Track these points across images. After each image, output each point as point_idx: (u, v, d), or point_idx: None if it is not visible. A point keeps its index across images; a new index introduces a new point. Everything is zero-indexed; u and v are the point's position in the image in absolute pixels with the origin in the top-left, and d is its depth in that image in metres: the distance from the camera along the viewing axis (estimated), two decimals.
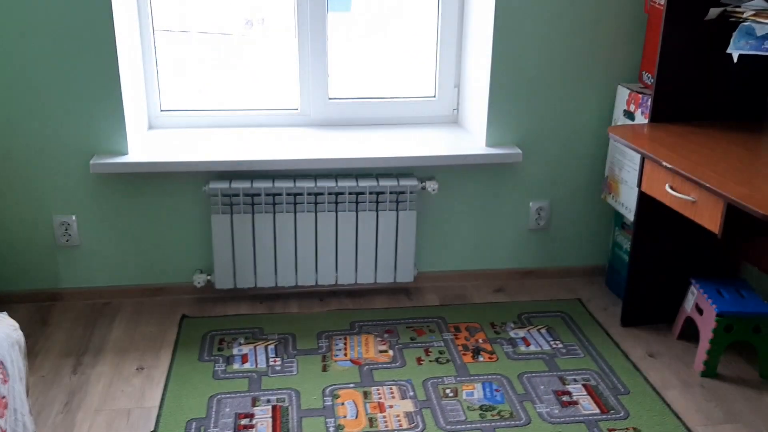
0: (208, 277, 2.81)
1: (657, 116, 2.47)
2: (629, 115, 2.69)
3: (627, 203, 2.74)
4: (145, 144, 2.75)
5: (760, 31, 2.06)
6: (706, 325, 2.42)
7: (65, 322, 2.67)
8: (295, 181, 2.71)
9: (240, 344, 2.55)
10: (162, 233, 2.78)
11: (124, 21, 2.60)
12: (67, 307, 2.77)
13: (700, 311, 2.49)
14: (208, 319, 2.72)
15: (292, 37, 2.88)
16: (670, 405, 2.26)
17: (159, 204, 2.74)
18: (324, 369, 2.42)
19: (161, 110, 2.94)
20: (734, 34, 2.18)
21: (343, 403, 2.24)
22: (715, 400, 2.30)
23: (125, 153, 2.64)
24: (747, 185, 1.88)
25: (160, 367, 2.42)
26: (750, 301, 2.40)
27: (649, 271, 2.65)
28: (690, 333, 2.65)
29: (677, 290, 2.69)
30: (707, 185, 1.90)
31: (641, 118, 2.61)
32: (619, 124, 2.76)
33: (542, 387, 2.34)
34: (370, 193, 2.72)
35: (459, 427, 2.14)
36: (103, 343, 2.55)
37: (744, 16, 2.19)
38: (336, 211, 2.74)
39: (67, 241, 2.73)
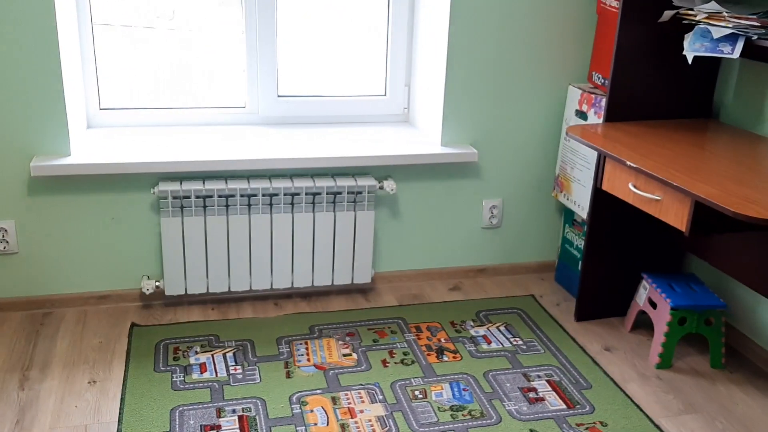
0: (157, 283, 2.68)
1: (611, 116, 2.53)
2: (582, 114, 2.75)
3: (579, 201, 2.80)
4: (87, 144, 2.60)
5: (716, 33, 2.13)
6: (661, 319, 2.50)
7: (5, 334, 2.50)
8: (249, 182, 2.62)
9: (196, 352, 2.45)
10: (107, 238, 2.64)
11: (65, 13, 2.45)
12: (5, 318, 2.59)
13: (653, 305, 2.57)
14: (160, 327, 2.60)
15: (239, 32, 2.79)
16: (631, 398, 2.32)
17: (104, 207, 2.60)
18: (288, 375, 2.35)
19: (100, 108, 2.79)
20: (689, 36, 2.25)
21: (312, 410, 2.19)
22: (672, 392, 2.37)
23: (68, 154, 2.49)
24: (712, 183, 1.94)
25: (113, 379, 2.30)
26: (702, 295, 2.49)
27: (602, 266, 2.71)
28: (642, 326, 2.73)
29: (628, 285, 2.77)
30: (675, 184, 1.95)
31: (594, 118, 2.66)
32: (571, 123, 2.81)
33: (508, 384, 2.35)
34: (328, 193, 2.67)
35: (432, 428, 2.13)
36: (49, 355, 2.39)
37: (697, 18, 2.26)
38: (292, 212, 2.67)
39: (4, 248, 2.55)
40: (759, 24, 2.09)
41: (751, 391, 2.39)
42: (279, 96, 2.91)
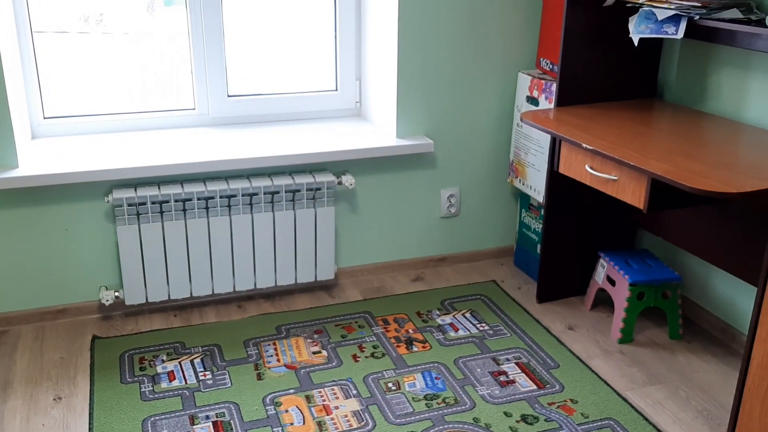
0: (116, 293, 2.62)
1: (562, 100, 2.58)
2: (533, 100, 2.79)
3: (534, 185, 2.85)
4: (35, 155, 2.52)
5: (661, 15, 2.20)
6: (620, 295, 2.57)
7: None
8: (206, 184, 2.59)
9: (163, 361, 2.41)
10: (61, 250, 2.57)
11: (3, 21, 2.36)
12: None
13: (612, 282, 2.64)
14: (122, 338, 2.54)
15: (184, 33, 2.74)
16: (597, 373, 2.38)
17: (56, 219, 2.52)
18: (259, 377, 2.33)
19: (44, 118, 2.71)
20: (634, 19, 2.31)
21: (287, 410, 2.18)
22: (635, 365, 2.44)
23: (15, 166, 2.40)
24: (666, 161, 2.01)
25: (79, 394, 2.24)
26: (657, 269, 2.57)
27: (560, 248, 2.77)
28: (601, 304, 2.81)
29: (585, 264, 2.83)
30: (630, 163, 2.00)
31: (545, 103, 2.71)
32: (523, 110, 2.86)
33: (479, 370, 2.39)
34: (286, 192, 2.65)
35: (409, 419, 2.14)
36: (8, 375, 2.31)
37: (640, 1, 2.32)
38: (251, 213, 2.64)
39: None
40: (700, 4, 2.16)
41: (709, 358, 2.48)
42: (229, 96, 2.88)
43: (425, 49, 2.76)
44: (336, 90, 3.03)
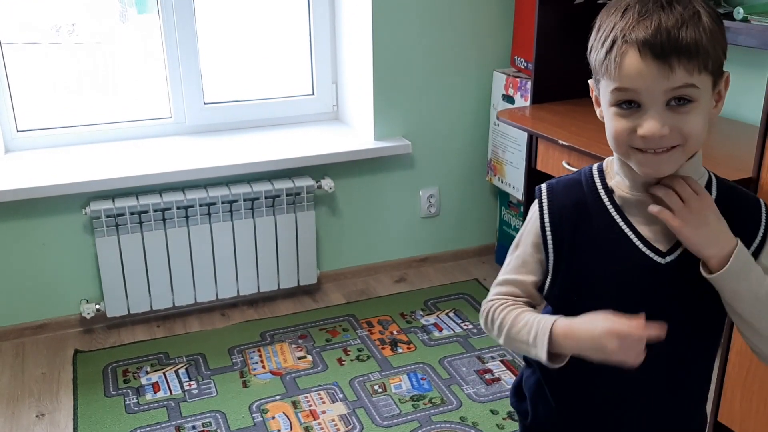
0: (97, 306, 2.60)
1: (537, 98, 2.58)
2: (509, 99, 2.81)
3: (513, 182, 2.86)
4: (8, 169, 2.49)
5: None
6: None
7: None
8: (185, 193, 2.57)
9: (147, 372, 2.39)
10: (39, 264, 2.54)
11: None
12: None
13: None
14: (105, 351, 2.52)
15: (157, 39, 2.72)
16: None
17: (33, 233, 2.50)
18: (244, 385, 2.32)
19: (18, 131, 2.68)
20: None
21: (273, 417, 2.17)
22: None
23: None
24: None
25: (62, 410, 2.22)
26: None
27: None
28: None
29: None
30: (602, 156, 2.01)
31: (521, 101, 2.73)
32: (499, 108, 2.87)
33: (464, 369, 2.39)
34: (266, 197, 2.64)
35: (396, 420, 2.15)
36: None
37: None
38: (231, 220, 2.63)
39: None
40: None
41: None
42: (205, 104, 2.86)
43: (400, 51, 2.77)
44: (313, 94, 3.02)
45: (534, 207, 1.12)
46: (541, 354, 1.01)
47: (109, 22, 2.72)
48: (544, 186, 1.12)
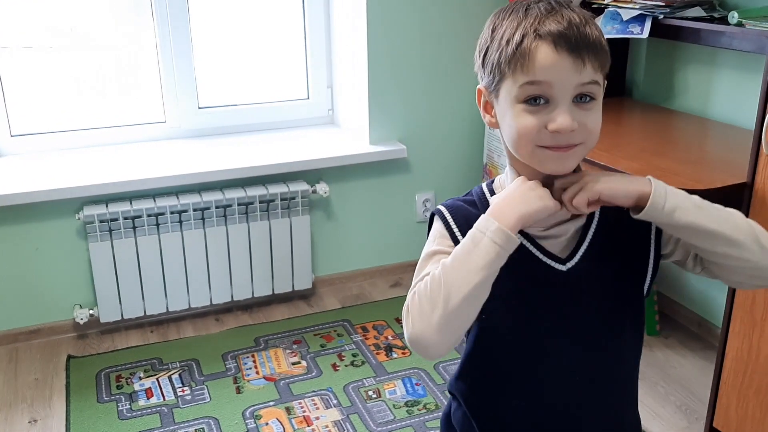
0: (91, 311, 2.59)
1: None
2: None
3: None
4: (2, 174, 2.48)
5: (626, 15, 2.22)
6: None
7: None
8: (178, 198, 2.56)
9: (140, 378, 2.38)
10: (32, 269, 2.53)
11: None
12: None
13: None
14: (98, 357, 2.51)
15: (151, 45, 2.71)
16: None
17: (26, 238, 2.49)
18: (238, 391, 2.31)
19: (11, 135, 2.67)
20: (600, 20, 2.33)
21: (267, 423, 2.16)
22: None
23: None
24: (635, 159, 2.02)
25: (55, 416, 2.20)
26: None
27: None
28: None
29: None
30: (600, 163, 2.01)
31: None
32: None
33: None
34: (261, 202, 2.63)
35: (390, 426, 2.14)
36: None
37: (606, 2, 2.34)
38: (226, 224, 2.62)
39: None
40: (664, 3, 2.18)
41: (686, 353, 2.50)
42: (200, 108, 2.85)
43: (395, 55, 2.76)
44: (308, 98, 3.02)
45: (438, 224, 1.07)
46: (491, 235, 0.94)
47: (104, 26, 2.71)
48: (442, 206, 1.08)
